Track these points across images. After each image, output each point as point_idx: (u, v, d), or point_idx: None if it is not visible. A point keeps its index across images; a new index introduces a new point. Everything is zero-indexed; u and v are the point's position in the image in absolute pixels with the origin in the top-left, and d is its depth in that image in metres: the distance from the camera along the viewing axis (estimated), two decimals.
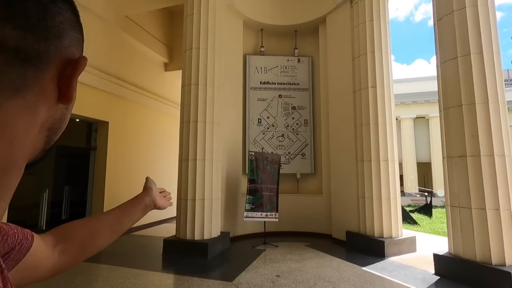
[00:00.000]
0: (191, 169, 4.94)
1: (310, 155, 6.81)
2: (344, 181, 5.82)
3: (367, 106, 5.33)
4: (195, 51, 5.19)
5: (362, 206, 5.26)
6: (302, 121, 6.93)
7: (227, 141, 5.98)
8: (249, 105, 6.82)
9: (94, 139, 6.41)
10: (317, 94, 6.97)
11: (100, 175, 6.26)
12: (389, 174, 5.12)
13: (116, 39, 6.66)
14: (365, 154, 5.29)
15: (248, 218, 5.47)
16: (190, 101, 5.10)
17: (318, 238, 6.07)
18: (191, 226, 4.83)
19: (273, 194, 5.75)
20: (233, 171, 6.05)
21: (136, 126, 7.02)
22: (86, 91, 5.90)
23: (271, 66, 7.02)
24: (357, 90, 5.55)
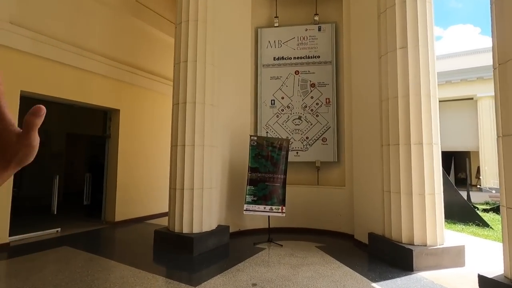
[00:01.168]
0: (179, 155, 4.49)
1: (333, 140, 5.75)
2: (367, 171, 4.70)
3: (394, 73, 4.09)
4: (185, 25, 4.66)
5: (387, 203, 4.12)
6: (323, 100, 5.88)
7: (228, 125, 5.36)
8: (260, 85, 6.06)
9: (108, 127, 6.49)
10: (341, 67, 5.81)
11: (113, 163, 6.32)
12: (423, 162, 3.86)
13: (125, 24, 6.56)
14: (391, 135, 4.10)
15: (248, 211, 4.81)
16: (179, 81, 4.62)
17: (338, 239, 5.09)
18: (179, 218, 4.40)
19: (279, 185, 4.95)
20: (239, 159, 5.43)
21: (147, 112, 6.91)
22: (96, 79, 5.91)
23: (286, 38, 6.10)
24: (383, 54, 4.33)
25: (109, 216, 6.25)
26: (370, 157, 4.63)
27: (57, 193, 5.61)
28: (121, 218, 6.28)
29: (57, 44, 5.21)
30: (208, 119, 4.61)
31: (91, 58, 5.78)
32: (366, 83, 4.83)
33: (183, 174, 4.44)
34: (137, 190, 6.60)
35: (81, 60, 5.59)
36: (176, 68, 4.73)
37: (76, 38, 5.59)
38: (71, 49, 5.43)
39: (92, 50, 5.86)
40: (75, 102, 5.68)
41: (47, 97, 5.22)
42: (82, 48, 5.67)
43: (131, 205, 6.50)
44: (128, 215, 6.42)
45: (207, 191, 4.55)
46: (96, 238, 5.16)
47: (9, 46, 4.56)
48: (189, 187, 4.42)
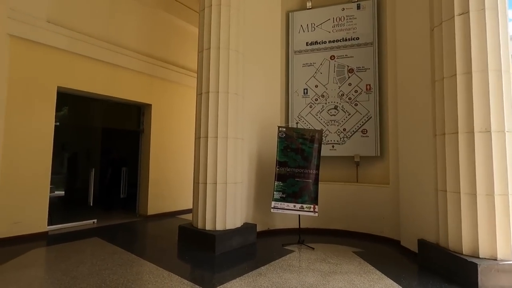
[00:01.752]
0: (202, 148, 4.26)
1: (375, 131, 5.05)
2: (417, 166, 3.97)
3: (452, 46, 3.34)
4: (207, 10, 4.41)
5: (443, 205, 3.39)
6: (362, 87, 5.20)
7: (256, 117, 5.00)
8: (292, 73, 5.59)
9: (141, 122, 6.59)
10: (384, 49, 5.08)
11: (145, 158, 6.39)
12: (492, 155, 3.07)
13: (157, 19, 6.59)
14: (448, 122, 3.35)
15: (276, 209, 4.40)
16: (203, 69, 4.39)
17: (380, 244, 4.43)
18: (202, 214, 4.17)
19: (311, 181, 4.45)
20: (268, 152, 5.04)
21: (177, 107, 6.86)
22: (129, 75, 6.01)
23: (320, 21, 5.53)
24: (436, 25, 3.58)
25: (143, 210, 6.34)
26: (420, 149, 3.90)
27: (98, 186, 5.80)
28: (153, 212, 6.33)
29: (92, 41, 5.36)
30: (232, 109, 4.31)
31: (124, 54, 5.88)
32: (414, 64, 4.08)
33: (206, 168, 4.20)
34: (168, 184, 6.59)
35: (114, 56, 5.71)
36: (199, 56, 4.51)
37: (110, 35, 5.72)
38: (105, 46, 5.56)
39: (125, 46, 5.96)
40: (109, 97, 5.82)
41: (82, 92, 5.41)
42: (116, 44, 5.78)
43: (163, 199, 6.51)
44: (159, 209, 6.44)
45: (231, 186, 4.25)
46: (126, 231, 5.21)
47: (47, 44, 4.77)
48: (212, 181, 4.16)
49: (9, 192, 4.29)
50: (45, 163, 4.72)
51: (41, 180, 4.67)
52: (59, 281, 2.92)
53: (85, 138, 6.19)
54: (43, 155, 4.70)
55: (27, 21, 4.50)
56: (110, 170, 5.96)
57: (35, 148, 4.60)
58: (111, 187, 6.62)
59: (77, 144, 6.07)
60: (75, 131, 5.92)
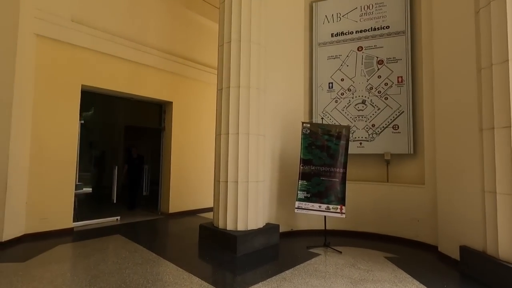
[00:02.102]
0: (223, 145, 4.12)
1: (407, 127, 4.66)
2: (457, 164, 3.57)
3: (502, 28, 2.94)
4: (228, 2, 4.25)
5: (491, 208, 3.00)
6: (393, 79, 4.83)
7: (279, 113, 4.79)
8: (316, 67, 5.31)
9: (163, 119, 6.58)
10: (418, 37, 4.67)
11: (167, 156, 6.37)
12: None
13: (178, 16, 6.54)
14: (497, 115, 2.96)
15: (300, 209, 4.17)
16: (223, 63, 4.24)
17: (416, 249, 4.07)
18: (223, 213, 4.03)
19: (338, 180, 4.17)
20: (291, 150, 4.81)
21: (198, 104, 6.79)
22: (150, 72, 6.01)
23: (346, 10, 5.21)
24: (482, 6, 3.18)
25: (164, 208, 6.33)
26: (461, 146, 3.51)
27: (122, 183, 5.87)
28: (175, 210, 6.31)
29: (114, 39, 5.38)
30: (253, 104, 4.12)
31: (146, 52, 5.87)
32: (455, 51, 3.68)
33: (226, 166, 4.05)
34: (189, 182, 6.55)
35: (136, 53, 5.71)
36: (219, 50, 4.37)
37: (131, 32, 5.73)
38: (127, 44, 5.57)
39: (147, 44, 5.95)
40: (132, 95, 5.84)
41: (105, 90, 5.46)
42: (137, 42, 5.79)
43: (184, 197, 6.47)
44: (181, 208, 6.41)
45: (253, 184, 4.07)
46: (148, 228, 5.19)
47: (71, 43, 4.83)
48: (233, 180, 4.01)
49: (37, 189, 4.39)
50: (70, 161, 4.79)
51: (67, 177, 4.75)
52: (80, 279, 2.88)
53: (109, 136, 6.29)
54: (69, 153, 4.78)
55: (52, 21, 4.57)
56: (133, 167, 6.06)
57: (61, 146, 4.68)
58: (134, 185, 6.68)
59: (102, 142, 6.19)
60: (100, 129, 6.03)
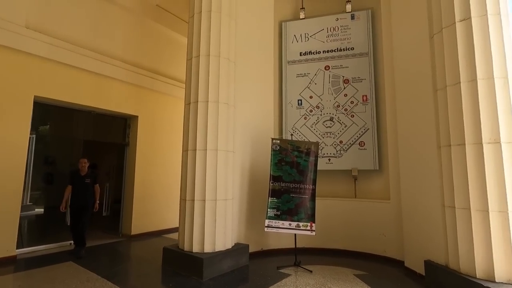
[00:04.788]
0: (190, 161, 3.93)
1: (372, 144, 4.82)
2: (420, 180, 3.72)
3: (454, 53, 3.17)
4: (197, 16, 4.20)
5: (452, 222, 3.12)
6: (359, 98, 5.02)
7: (249, 129, 4.73)
8: (285, 84, 5.39)
9: (127, 134, 6.23)
10: (380, 59, 4.94)
11: (130, 172, 5.99)
12: (503, 168, 2.84)
13: (146, 29, 6.37)
14: (453, 133, 3.14)
15: (270, 228, 4.05)
16: (191, 78, 4.12)
17: (382, 265, 4.10)
18: (189, 234, 3.79)
19: (307, 197, 4.15)
20: (261, 166, 4.73)
21: (167, 119, 6.55)
22: (114, 85, 5.71)
23: (314, 31, 5.40)
24: (436, 33, 3.43)
25: (126, 229, 5.88)
26: (423, 162, 3.66)
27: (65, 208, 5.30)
28: (138, 231, 5.88)
29: (75, 49, 5.07)
30: (222, 120, 4.03)
31: (110, 63, 5.60)
32: (414, 73, 3.92)
33: (193, 183, 3.85)
34: (154, 201, 6.18)
35: (100, 65, 5.42)
36: (188, 64, 4.26)
37: (95, 43, 5.45)
38: (90, 54, 5.28)
39: (112, 55, 5.68)
40: (93, 108, 5.48)
41: (63, 103, 5.07)
42: (102, 53, 5.51)
43: (148, 217, 6.08)
44: (145, 228, 5.99)
45: (221, 203, 3.90)
46: (106, 253, 4.74)
47: (24, 51, 4.45)
48: (201, 198, 3.81)
49: None
50: (16, 180, 4.29)
51: (11, 198, 4.23)
52: None
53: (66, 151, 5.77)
54: (15, 170, 4.29)
55: (2, 26, 4.20)
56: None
57: (6, 161, 4.19)
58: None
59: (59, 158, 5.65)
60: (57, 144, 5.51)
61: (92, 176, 4.75)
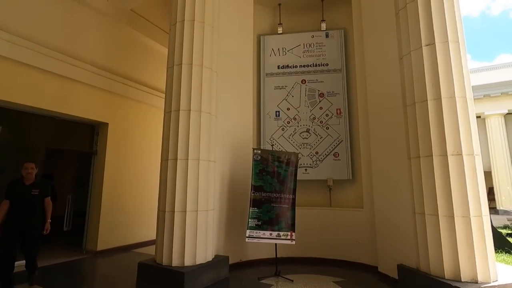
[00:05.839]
0: (170, 171, 3.81)
1: (346, 155, 5.09)
2: (391, 189, 3.99)
3: (421, 73, 3.51)
4: (180, 25, 4.16)
5: (422, 228, 3.37)
6: (333, 111, 5.29)
7: (229, 138, 4.73)
8: (264, 95, 5.50)
9: (95, 142, 5.86)
10: (352, 75, 5.29)
11: (98, 183, 5.61)
12: (465, 177, 3.18)
13: (120, 34, 6.14)
14: (422, 145, 3.44)
15: (251, 238, 4.04)
16: (173, 86, 4.05)
17: (358, 271, 4.27)
18: (168, 247, 3.63)
19: (288, 206, 4.22)
20: (241, 176, 4.73)
21: (140, 127, 6.31)
22: (83, 89, 5.38)
23: (291, 46, 5.63)
24: (405, 54, 3.78)
25: (91, 244, 5.44)
26: (394, 172, 3.95)
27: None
28: (104, 246, 5.47)
29: (41, 49, 4.72)
30: (204, 129, 3.98)
31: (80, 67, 5.28)
32: (384, 89, 4.26)
33: (174, 193, 3.73)
34: (124, 213, 5.83)
35: (68, 68, 5.08)
36: (169, 72, 4.18)
37: (64, 45, 5.12)
38: (57, 56, 4.94)
39: (82, 59, 5.37)
40: (58, 113, 5.09)
41: (24, 107, 4.64)
42: (71, 56, 5.18)
43: (117, 231, 5.70)
44: (113, 243, 5.60)
45: (203, 213, 3.82)
46: (67, 272, 4.33)
47: None
48: (181, 209, 3.69)
49: None
50: None
51: None
52: None
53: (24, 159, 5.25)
54: None
55: None
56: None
57: None
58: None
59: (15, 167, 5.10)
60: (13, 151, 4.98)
61: (41, 186, 3.72)
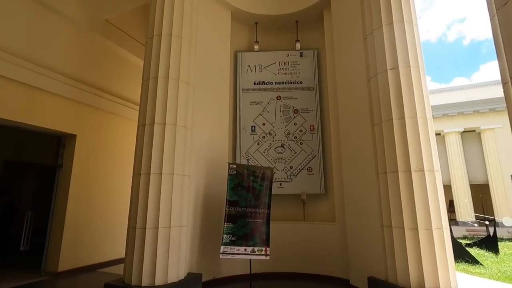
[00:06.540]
0: (143, 186, 3.70)
1: (319, 169, 5.25)
2: (362, 203, 4.16)
3: (387, 95, 3.78)
4: (157, 38, 4.16)
5: (389, 240, 3.54)
6: (307, 127, 5.48)
7: (204, 152, 4.71)
8: (240, 110, 5.58)
9: (61, 155, 5.54)
10: (325, 93, 5.55)
11: (62, 198, 5.28)
12: (427, 191, 3.41)
13: (93, 44, 5.97)
14: (388, 162, 3.66)
15: (225, 254, 3.98)
16: (148, 99, 3.99)
17: (331, 285, 4.34)
18: (138, 266, 3.48)
19: (262, 221, 4.24)
20: (216, 191, 4.69)
21: (111, 139, 6.09)
22: (50, 99, 5.12)
23: (267, 63, 5.81)
24: (372, 76, 4.06)
25: (51, 265, 5.04)
26: (364, 187, 4.14)
27: None
28: (66, 266, 5.09)
29: (5, 56, 4.46)
30: (179, 143, 3.94)
31: (48, 76, 5.04)
32: (354, 108, 4.51)
33: (146, 209, 3.61)
34: (90, 231, 5.50)
35: (33, 76, 4.83)
36: (144, 85, 4.13)
37: (32, 53, 4.89)
38: (23, 64, 4.69)
39: (51, 68, 5.14)
40: (21, 124, 4.78)
41: None
42: (39, 64, 4.94)
43: (82, 249, 5.35)
44: (76, 263, 5.23)
45: (175, 230, 3.72)
46: None
47: None
48: (153, 226, 3.57)
49: None
50: None
51: None
52: None
53: None
54: None
55: None
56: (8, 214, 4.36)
57: None
58: (7, 237, 5.09)
59: None
60: None
61: None
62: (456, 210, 16.14)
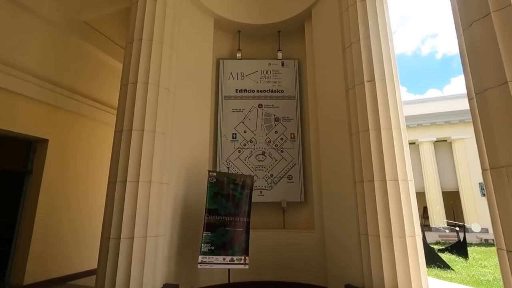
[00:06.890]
0: (118, 194, 3.57)
1: (299, 178, 5.31)
2: (340, 211, 4.24)
3: (364, 106, 3.91)
4: (137, 43, 4.08)
5: (365, 248, 3.62)
6: (287, 135, 5.54)
7: (183, 159, 4.64)
8: (221, 117, 5.56)
9: (31, 160, 5.26)
10: (305, 102, 5.65)
11: (30, 206, 4.99)
12: (401, 200, 3.53)
13: (69, 45, 5.76)
14: (364, 171, 3.76)
15: (204, 264, 3.90)
16: (126, 104, 3.89)
17: None
18: (111, 277, 3.33)
19: (242, 229, 4.21)
20: (195, 199, 4.62)
21: (85, 145, 5.86)
22: (21, 103, 4.87)
23: (249, 71, 5.86)
24: (350, 88, 4.19)
25: (16, 278, 4.72)
26: (342, 196, 4.22)
27: None
28: (33, 279, 4.79)
29: None
30: (158, 150, 3.86)
31: (19, 78, 4.80)
32: (333, 118, 4.62)
33: (121, 218, 3.48)
34: (60, 241, 5.22)
35: (5, 78, 4.58)
36: (122, 90, 4.03)
37: (3, 53, 4.64)
38: None
39: (23, 69, 4.89)
40: None
41: None
42: (9, 65, 4.69)
43: (51, 260, 5.06)
44: (44, 275, 4.94)
45: (152, 239, 3.61)
46: None
47: None
48: (128, 236, 3.45)
49: None
50: None
51: None
52: None
53: None
54: None
55: None
56: None
57: None
58: None
59: None
60: None
61: None
62: (430, 217, 16.80)
